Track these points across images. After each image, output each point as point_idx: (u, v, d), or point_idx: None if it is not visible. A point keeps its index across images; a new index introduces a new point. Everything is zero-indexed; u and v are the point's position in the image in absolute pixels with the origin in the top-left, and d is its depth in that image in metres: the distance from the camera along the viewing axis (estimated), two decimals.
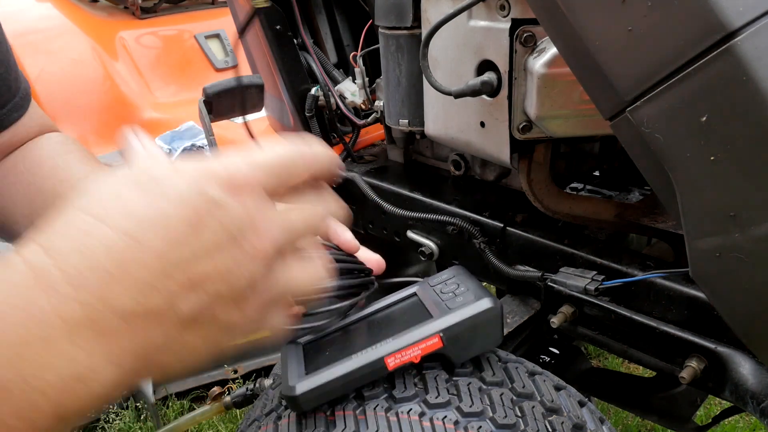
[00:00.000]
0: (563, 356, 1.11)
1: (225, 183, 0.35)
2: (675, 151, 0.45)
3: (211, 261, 0.33)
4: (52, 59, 1.54)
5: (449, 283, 0.60)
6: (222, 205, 0.34)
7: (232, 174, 0.36)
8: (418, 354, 0.53)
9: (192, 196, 0.34)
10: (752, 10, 0.39)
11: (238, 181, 0.35)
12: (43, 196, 0.70)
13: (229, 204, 0.34)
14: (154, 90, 1.68)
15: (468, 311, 0.55)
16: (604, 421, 0.63)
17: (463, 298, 0.57)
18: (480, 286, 0.59)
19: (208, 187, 0.34)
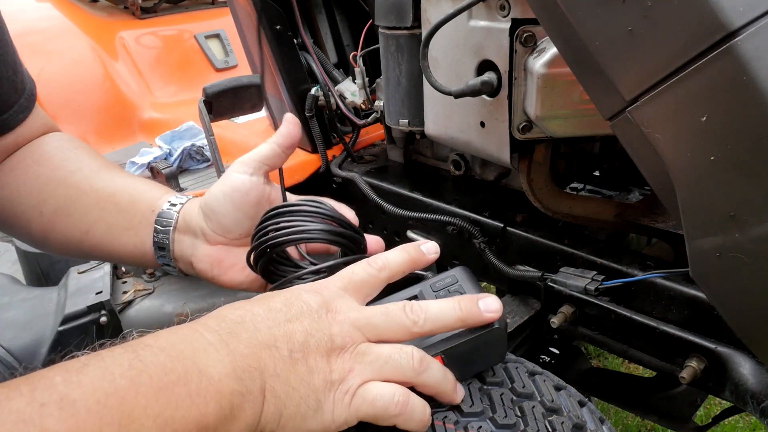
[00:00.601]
0: (563, 356, 1.11)
1: (309, 289, 0.53)
2: (675, 151, 0.45)
3: (298, 321, 0.49)
4: (51, 59, 1.54)
5: (452, 289, 0.58)
6: (304, 295, 0.52)
7: (313, 284, 0.54)
8: None
9: (286, 293, 0.52)
10: (752, 10, 0.39)
11: (317, 288, 0.53)
12: (53, 185, 0.73)
13: (309, 294, 0.52)
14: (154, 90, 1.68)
15: (472, 330, 0.53)
16: (604, 421, 0.63)
17: None
18: None
19: (297, 290, 0.53)
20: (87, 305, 1.07)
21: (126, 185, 0.74)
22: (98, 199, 0.73)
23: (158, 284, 1.30)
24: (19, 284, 1.27)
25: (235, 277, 0.69)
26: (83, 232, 0.73)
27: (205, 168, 1.38)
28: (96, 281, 1.16)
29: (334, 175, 1.08)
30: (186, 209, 0.71)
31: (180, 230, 0.70)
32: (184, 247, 0.70)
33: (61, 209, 0.73)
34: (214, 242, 0.69)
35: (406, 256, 0.57)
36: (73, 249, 0.75)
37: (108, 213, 0.72)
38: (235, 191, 0.66)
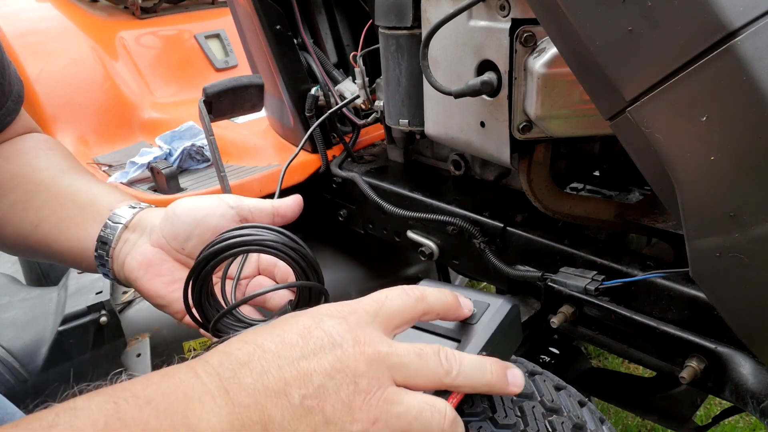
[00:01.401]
0: (563, 356, 1.11)
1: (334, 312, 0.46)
2: (675, 151, 0.45)
3: (316, 359, 0.42)
4: (51, 59, 1.54)
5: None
6: (327, 322, 0.45)
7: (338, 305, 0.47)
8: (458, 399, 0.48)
9: (304, 319, 0.45)
10: (752, 10, 0.39)
11: (343, 311, 0.46)
12: (17, 180, 0.71)
13: (333, 321, 0.45)
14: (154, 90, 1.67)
15: (495, 319, 0.51)
16: (604, 421, 0.63)
17: (477, 309, 0.53)
18: (478, 291, 0.56)
19: (318, 314, 0.46)
20: (87, 305, 1.07)
21: (90, 187, 0.73)
22: (58, 195, 0.71)
23: None
24: (19, 284, 1.27)
25: (156, 287, 0.65)
26: (33, 226, 0.70)
27: (205, 168, 1.38)
28: (96, 281, 1.16)
29: (334, 175, 1.08)
30: (146, 211, 0.69)
31: (130, 228, 0.68)
32: (125, 246, 0.67)
33: (19, 203, 0.71)
34: (156, 244, 0.66)
35: (444, 298, 0.50)
36: (21, 244, 0.73)
37: (63, 208, 0.70)
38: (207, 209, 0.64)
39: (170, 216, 0.65)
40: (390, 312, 0.47)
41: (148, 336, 1.15)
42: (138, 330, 1.17)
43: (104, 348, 1.09)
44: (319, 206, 1.17)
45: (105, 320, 1.08)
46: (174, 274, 0.65)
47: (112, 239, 0.67)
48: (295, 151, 1.08)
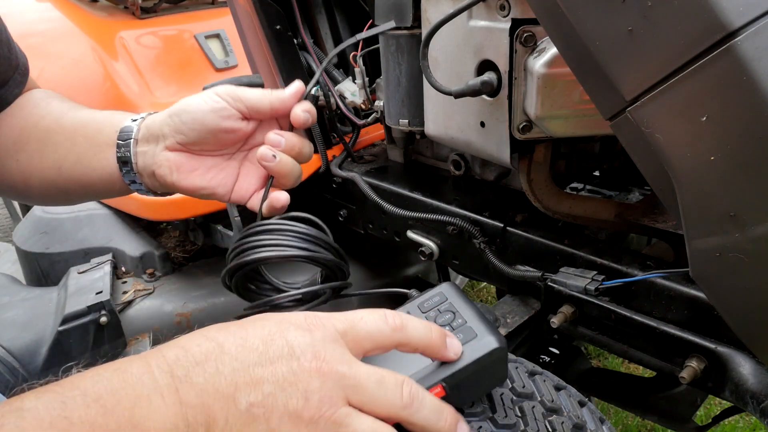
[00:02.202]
0: (563, 356, 1.11)
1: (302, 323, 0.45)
2: (675, 151, 0.45)
3: (272, 367, 0.42)
4: (52, 59, 1.54)
5: (443, 309, 0.54)
6: (291, 332, 0.44)
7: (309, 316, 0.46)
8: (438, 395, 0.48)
9: (271, 325, 0.44)
10: (752, 10, 0.39)
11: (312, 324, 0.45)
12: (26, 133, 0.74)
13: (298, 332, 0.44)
14: (154, 90, 1.67)
15: (472, 354, 0.49)
16: (604, 421, 0.63)
17: (462, 335, 0.50)
18: (480, 315, 0.53)
19: (286, 322, 0.45)
20: (87, 305, 1.07)
21: (93, 116, 0.75)
22: (66, 135, 0.73)
23: (158, 284, 1.30)
24: (19, 284, 1.27)
25: (195, 181, 0.68)
26: (57, 169, 0.72)
27: None
28: (96, 281, 1.16)
29: (334, 175, 1.08)
30: (149, 119, 0.71)
31: (142, 141, 0.69)
32: (146, 158, 0.69)
33: (36, 153, 0.73)
34: (173, 149, 0.68)
35: (427, 336, 0.47)
36: (51, 190, 0.75)
37: (77, 145, 0.72)
38: (213, 113, 0.66)
39: (177, 124, 0.67)
40: (360, 334, 0.46)
41: (148, 336, 1.15)
42: (138, 330, 1.17)
43: (104, 348, 1.09)
44: (319, 206, 1.17)
45: (105, 320, 1.08)
46: (204, 164, 0.68)
47: (129, 156, 0.69)
48: None
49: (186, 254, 1.41)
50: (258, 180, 0.70)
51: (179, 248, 1.42)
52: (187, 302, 1.24)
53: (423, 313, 0.54)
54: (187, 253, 1.42)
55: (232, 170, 0.70)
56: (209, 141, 0.67)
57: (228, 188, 0.68)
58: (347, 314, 0.47)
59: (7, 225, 2.82)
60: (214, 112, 0.66)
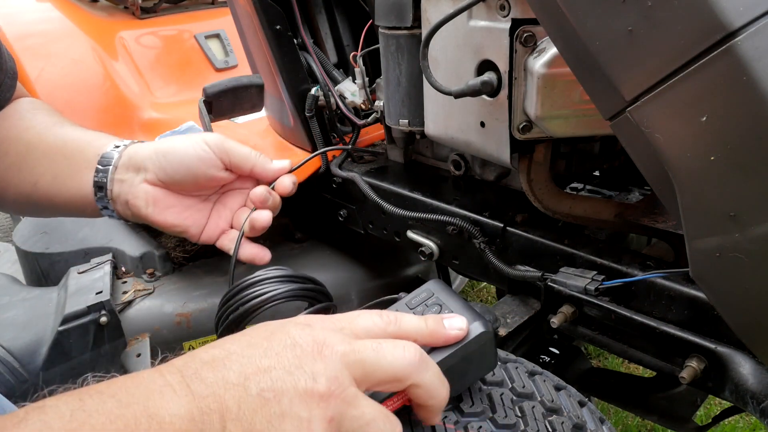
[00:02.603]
0: (563, 356, 1.11)
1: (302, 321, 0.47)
2: (675, 151, 0.45)
3: (277, 357, 0.43)
4: (52, 60, 1.54)
5: (429, 303, 0.55)
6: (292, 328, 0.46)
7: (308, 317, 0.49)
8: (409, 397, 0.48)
9: (273, 326, 0.47)
10: (752, 10, 0.39)
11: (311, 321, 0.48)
12: (6, 143, 0.74)
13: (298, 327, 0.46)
14: (154, 90, 1.67)
15: (460, 341, 0.50)
16: (604, 421, 0.63)
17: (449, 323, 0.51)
18: (465, 304, 0.54)
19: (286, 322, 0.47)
20: (87, 305, 1.07)
21: (77, 136, 0.76)
22: (47, 151, 0.74)
23: (158, 284, 1.30)
24: (19, 284, 1.27)
25: (170, 218, 0.71)
26: (32, 185, 0.73)
27: None
28: (96, 281, 1.16)
29: (334, 175, 1.08)
30: (133, 148, 0.73)
31: (121, 168, 0.71)
32: (122, 186, 0.71)
33: (14, 165, 0.74)
34: (153, 183, 0.70)
35: (422, 325, 0.50)
36: (24, 203, 0.76)
37: (55, 163, 0.73)
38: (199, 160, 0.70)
39: (162, 162, 0.70)
40: (357, 328, 0.48)
41: (148, 336, 1.15)
42: (138, 330, 1.17)
43: (104, 348, 1.09)
44: (319, 206, 1.17)
45: (105, 320, 1.07)
46: (182, 203, 0.71)
47: (106, 182, 0.71)
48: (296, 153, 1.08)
49: (186, 254, 1.41)
50: (226, 222, 0.74)
51: (179, 248, 1.42)
52: (187, 302, 1.24)
53: (410, 310, 0.55)
54: (187, 253, 1.42)
55: (205, 211, 0.73)
56: (190, 183, 0.71)
57: (200, 228, 0.72)
58: (344, 314, 0.50)
59: (7, 225, 2.82)
60: (200, 160, 0.70)
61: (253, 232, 0.72)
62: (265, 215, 0.71)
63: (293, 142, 1.18)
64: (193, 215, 0.72)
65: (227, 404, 0.41)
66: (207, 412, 0.40)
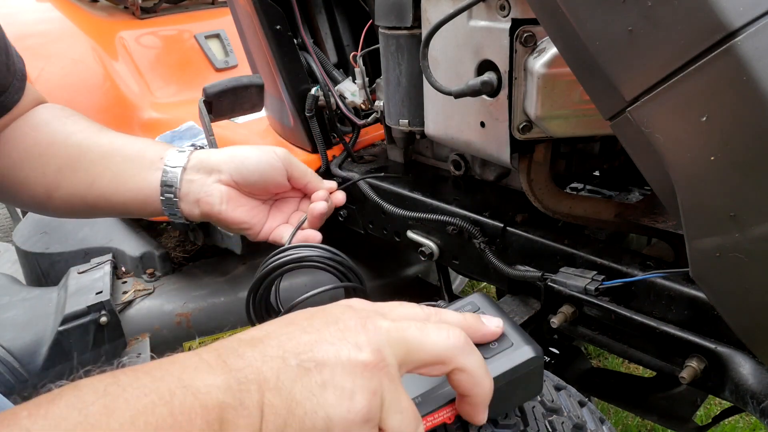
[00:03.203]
0: (563, 356, 1.11)
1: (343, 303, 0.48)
2: (675, 151, 0.45)
3: (317, 333, 0.43)
4: (51, 60, 1.54)
5: None
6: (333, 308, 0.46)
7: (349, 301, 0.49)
8: (452, 414, 0.47)
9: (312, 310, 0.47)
10: (752, 10, 0.39)
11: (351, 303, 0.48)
12: (54, 147, 0.78)
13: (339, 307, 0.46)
14: (154, 90, 1.67)
15: (508, 362, 0.48)
16: (604, 421, 0.63)
17: (498, 343, 0.50)
18: (513, 324, 0.52)
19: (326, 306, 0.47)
20: (87, 305, 1.07)
21: (133, 140, 0.82)
22: (104, 153, 0.79)
23: (158, 284, 1.30)
24: (19, 284, 1.27)
25: (240, 215, 0.78)
26: (88, 184, 0.78)
27: None
28: (96, 281, 1.16)
29: (334, 175, 1.08)
30: (202, 153, 0.80)
31: (191, 170, 0.78)
32: (192, 185, 0.77)
33: (66, 167, 0.78)
34: (227, 184, 0.78)
35: (462, 317, 0.50)
36: (77, 204, 0.79)
37: (114, 164, 0.78)
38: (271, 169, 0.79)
39: (239, 166, 0.78)
40: (397, 313, 0.48)
41: (148, 336, 1.15)
42: (138, 330, 1.17)
43: (104, 348, 1.09)
44: None
45: (105, 320, 1.08)
46: (249, 203, 0.79)
47: (176, 182, 0.77)
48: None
49: (186, 254, 1.41)
50: (279, 222, 0.82)
51: (179, 248, 1.42)
52: (187, 302, 1.24)
53: None
54: (187, 253, 1.42)
55: (265, 213, 0.82)
56: (260, 187, 0.80)
57: (260, 227, 0.80)
58: (383, 303, 0.50)
59: (7, 225, 2.82)
60: (272, 168, 0.79)
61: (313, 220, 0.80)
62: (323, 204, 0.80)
63: (293, 142, 1.18)
64: (257, 215, 0.80)
65: (265, 375, 0.40)
66: (244, 382, 0.40)
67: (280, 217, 0.84)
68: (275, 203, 0.85)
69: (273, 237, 0.82)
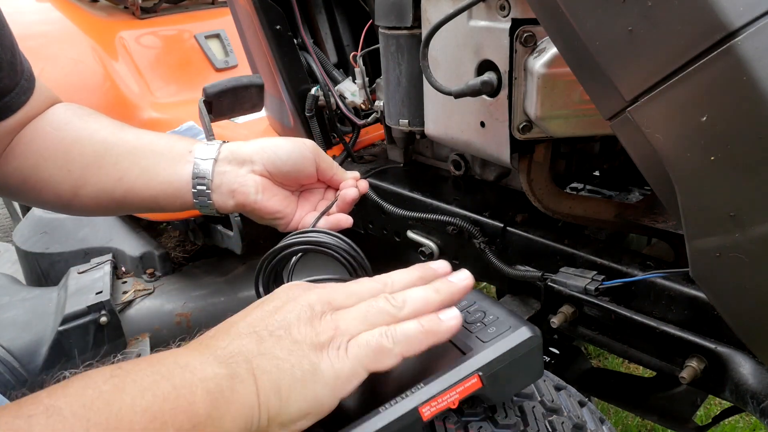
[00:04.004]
0: (563, 356, 1.11)
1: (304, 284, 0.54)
2: (675, 151, 0.45)
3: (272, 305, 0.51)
4: (51, 60, 1.54)
5: (472, 310, 0.55)
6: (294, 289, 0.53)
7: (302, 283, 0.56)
8: (455, 398, 0.48)
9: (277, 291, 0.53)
10: (752, 10, 0.39)
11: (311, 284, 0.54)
12: (79, 144, 0.79)
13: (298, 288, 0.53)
14: (154, 90, 1.67)
15: (507, 343, 0.49)
16: (604, 421, 0.63)
17: (495, 328, 0.51)
18: (509, 311, 0.54)
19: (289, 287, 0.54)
20: (87, 305, 1.07)
21: (159, 135, 0.83)
22: (131, 149, 0.80)
23: (158, 284, 1.30)
24: (19, 284, 1.27)
25: (275, 204, 0.80)
26: (116, 180, 0.78)
27: None
28: (96, 281, 1.16)
29: None
30: (233, 144, 0.81)
31: (222, 161, 0.79)
32: (224, 177, 0.79)
33: (93, 163, 0.78)
34: (260, 174, 0.79)
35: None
36: (104, 200, 0.80)
37: (143, 158, 0.79)
38: (303, 159, 0.80)
39: (272, 156, 0.79)
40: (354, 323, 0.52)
41: (148, 336, 1.15)
42: (138, 330, 1.17)
43: (104, 348, 1.09)
44: None
45: (105, 320, 1.08)
46: (282, 193, 0.81)
47: (208, 173, 0.78)
48: None
49: (186, 254, 1.42)
50: (307, 211, 0.84)
51: (179, 248, 1.42)
52: (187, 302, 1.24)
53: None
54: (187, 253, 1.42)
55: (295, 203, 0.84)
56: (292, 177, 0.81)
57: (291, 216, 0.82)
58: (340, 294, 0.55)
59: (7, 225, 2.82)
60: (304, 158, 0.80)
61: (344, 206, 0.82)
62: (354, 190, 0.82)
63: None
64: (289, 204, 0.81)
65: (248, 347, 0.46)
66: (231, 356, 0.46)
67: (307, 206, 0.86)
68: (303, 193, 0.87)
69: (302, 225, 0.84)
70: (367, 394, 0.51)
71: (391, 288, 0.54)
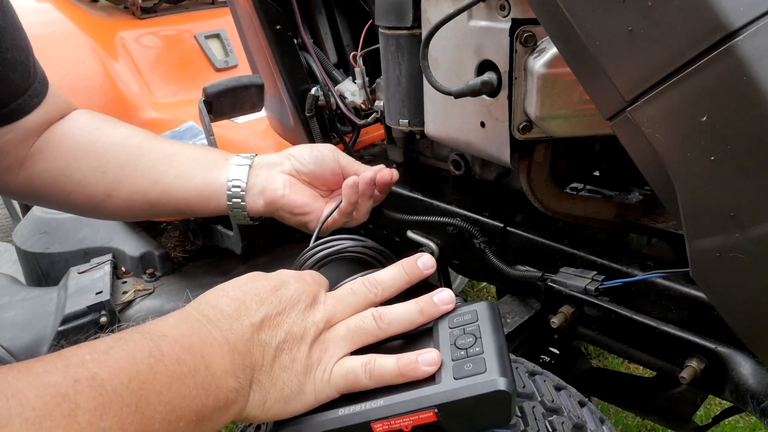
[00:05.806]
0: (563, 356, 1.11)
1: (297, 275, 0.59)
2: (675, 151, 0.45)
3: (287, 315, 0.54)
4: (51, 60, 1.54)
5: (468, 330, 0.54)
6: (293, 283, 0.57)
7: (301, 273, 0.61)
8: (408, 424, 0.49)
9: (276, 279, 0.57)
10: (752, 10, 0.39)
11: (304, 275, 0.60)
12: (114, 147, 0.82)
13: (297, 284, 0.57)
14: (154, 90, 1.67)
15: (474, 389, 0.48)
16: (604, 421, 0.63)
17: (473, 365, 0.50)
18: (499, 349, 0.51)
19: (289, 276, 0.58)
20: (87, 305, 1.07)
21: (194, 145, 0.87)
22: (167, 154, 0.83)
23: (158, 284, 1.30)
24: (19, 284, 1.27)
25: (303, 198, 0.83)
26: (152, 182, 0.81)
27: None
28: (96, 281, 1.16)
29: None
30: (260, 157, 0.86)
31: (256, 168, 0.84)
32: (257, 179, 0.84)
33: (128, 165, 0.81)
34: (289, 173, 0.84)
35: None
36: (138, 201, 0.82)
37: (179, 163, 0.82)
38: (330, 161, 0.85)
39: (297, 156, 0.85)
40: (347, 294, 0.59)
41: None
42: None
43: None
44: None
45: (105, 320, 1.08)
46: (309, 192, 0.85)
47: (244, 176, 0.83)
48: None
49: (186, 254, 1.42)
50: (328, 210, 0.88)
51: (179, 248, 1.42)
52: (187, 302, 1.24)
53: (450, 329, 0.55)
54: (187, 253, 1.42)
55: (322, 204, 0.87)
56: (318, 176, 0.85)
57: (318, 213, 0.85)
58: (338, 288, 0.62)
59: (7, 225, 2.82)
60: (325, 156, 0.85)
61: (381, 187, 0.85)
62: (388, 170, 0.85)
63: (293, 142, 1.18)
64: (317, 201, 0.85)
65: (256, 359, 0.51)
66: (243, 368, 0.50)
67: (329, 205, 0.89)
68: (331, 197, 0.90)
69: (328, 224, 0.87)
70: None
71: (382, 295, 0.59)
